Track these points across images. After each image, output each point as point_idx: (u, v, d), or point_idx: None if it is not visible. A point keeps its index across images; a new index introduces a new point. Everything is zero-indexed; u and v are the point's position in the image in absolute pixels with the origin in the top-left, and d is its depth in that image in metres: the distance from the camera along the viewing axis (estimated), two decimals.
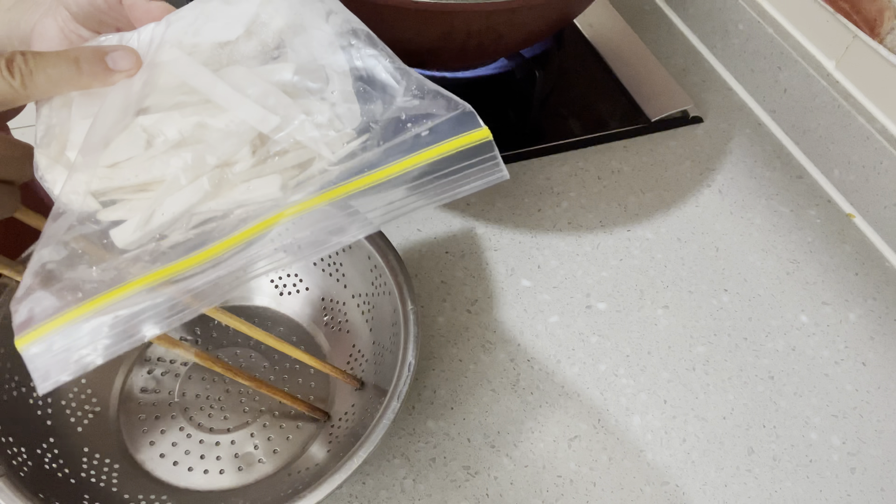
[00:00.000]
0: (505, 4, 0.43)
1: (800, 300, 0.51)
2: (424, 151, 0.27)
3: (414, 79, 0.28)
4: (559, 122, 0.61)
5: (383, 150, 0.27)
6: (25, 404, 0.38)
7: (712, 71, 0.68)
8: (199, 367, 0.44)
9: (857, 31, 0.54)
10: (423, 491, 0.41)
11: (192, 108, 0.27)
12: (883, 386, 0.47)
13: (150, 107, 0.27)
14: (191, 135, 0.27)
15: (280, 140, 0.27)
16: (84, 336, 0.25)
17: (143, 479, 0.39)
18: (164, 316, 0.25)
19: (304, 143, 0.27)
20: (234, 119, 0.27)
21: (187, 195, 0.27)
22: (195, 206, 0.27)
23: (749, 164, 0.60)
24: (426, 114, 0.27)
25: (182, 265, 0.26)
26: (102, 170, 0.27)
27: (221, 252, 0.26)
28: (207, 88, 0.27)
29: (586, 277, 0.51)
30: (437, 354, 0.46)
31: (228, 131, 0.27)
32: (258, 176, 0.27)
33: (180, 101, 0.27)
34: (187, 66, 0.27)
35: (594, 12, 0.70)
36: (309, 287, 0.47)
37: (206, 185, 0.27)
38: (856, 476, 0.43)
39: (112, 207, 0.27)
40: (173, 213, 0.27)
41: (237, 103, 0.27)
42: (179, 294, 0.26)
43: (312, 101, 0.28)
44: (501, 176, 0.27)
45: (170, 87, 0.27)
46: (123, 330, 0.25)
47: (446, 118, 0.27)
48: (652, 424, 0.44)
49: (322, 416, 0.42)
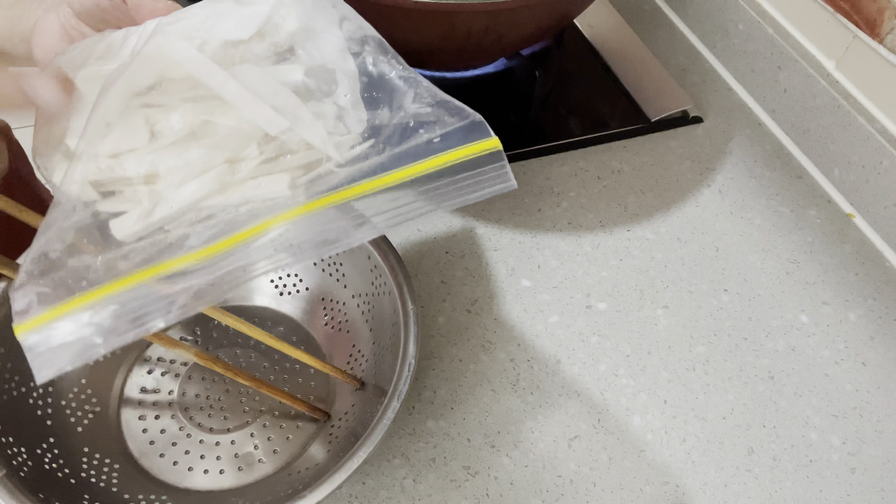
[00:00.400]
0: (505, 4, 0.43)
1: (800, 300, 0.51)
2: (434, 158, 0.27)
3: (424, 87, 0.28)
4: (559, 122, 0.61)
5: (392, 156, 0.27)
6: (25, 404, 0.38)
7: (712, 71, 0.68)
8: (199, 367, 0.44)
9: (857, 31, 0.54)
10: (423, 491, 0.41)
11: (200, 104, 0.27)
12: (883, 386, 0.47)
13: (156, 99, 0.27)
14: (198, 129, 0.27)
15: (288, 140, 0.27)
16: (84, 326, 0.25)
17: (143, 479, 0.39)
18: (166, 310, 0.25)
19: (312, 144, 0.27)
20: (242, 117, 0.27)
21: (193, 189, 0.27)
22: (201, 201, 0.27)
23: (749, 164, 0.60)
24: (436, 121, 0.28)
25: (186, 260, 0.26)
26: (104, 159, 0.27)
27: (226, 249, 0.26)
28: (217, 85, 0.27)
29: (586, 277, 0.51)
30: (437, 354, 0.46)
31: (237, 128, 0.27)
32: (266, 174, 0.27)
33: (188, 96, 0.27)
34: (197, 61, 0.27)
35: (594, 12, 0.70)
36: (309, 287, 0.47)
37: (214, 180, 0.27)
38: (856, 476, 0.43)
39: (112, 198, 0.27)
40: (179, 206, 0.27)
41: (247, 101, 0.27)
42: (182, 289, 0.26)
43: (321, 103, 0.28)
44: (509, 185, 0.28)
45: (178, 81, 0.27)
46: (125, 322, 0.25)
47: (457, 126, 0.27)
48: (652, 424, 0.44)
49: (322, 416, 0.42)
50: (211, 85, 0.27)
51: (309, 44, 0.28)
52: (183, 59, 0.27)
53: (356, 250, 0.43)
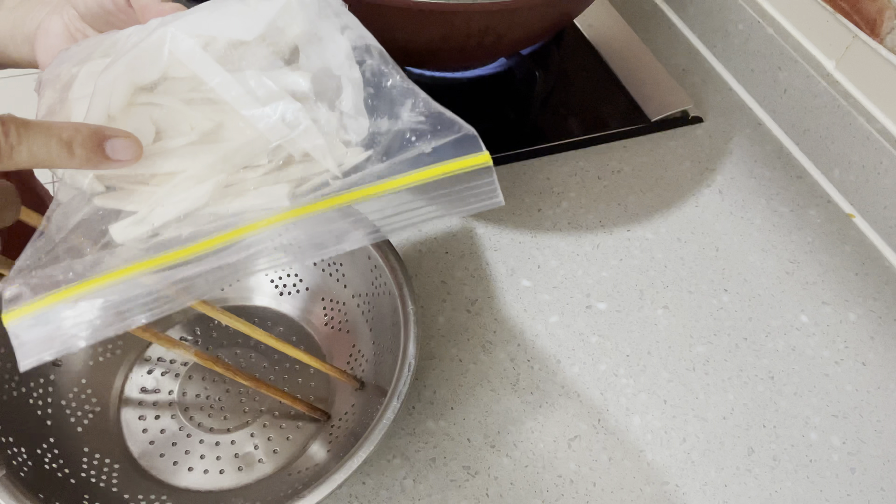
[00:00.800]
0: (505, 4, 0.43)
1: (800, 300, 0.51)
2: (425, 170, 0.28)
3: (421, 98, 0.29)
4: (559, 122, 0.61)
5: (386, 165, 0.28)
6: (25, 404, 0.38)
7: (712, 71, 0.68)
8: (199, 367, 0.44)
9: (857, 31, 0.54)
10: (423, 491, 0.41)
11: (204, 108, 0.27)
12: (883, 386, 0.47)
13: (159, 96, 0.27)
14: (206, 134, 0.27)
15: (287, 146, 0.27)
16: (70, 317, 0.25)
17: (143, 479, 0.39)
18: (150, 306, 0.26)
19: (311, 154, 0.27)
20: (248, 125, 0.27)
21: (195, 196, 0.27)
22: (200, 209, 0.27)
23: (749, 164, 0.60)
24: (430, 133, 0.28)
25: (175, 255, 0.26)
26: None
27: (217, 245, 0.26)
28: (220, 87, 0.27)
29: (586, 277, 0.51)
30: (437, 354, 0.46)
31: (244, 138, 0.27)
32: (266, 185, 0.27)
33: (191, 97, 0.27)
34: (202, 61, 0.27)
35: (594, 12, 0.70)
36: (309, 287, 0.47)
37: (216, 188, 0.27)
38: (856, 476, 0.43)
39: (110, 194, 0.27)
40: (176, 213, 0.27)
41: (248, 105, 0.27)
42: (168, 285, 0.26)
43: (322, 109, 0.28)
44: (497, 202, 0.28)
45: (181, 80, 0.27)
46: (110, 315, 0.25)
47: (450, 139, 0.28)
48: (652, 424, 0.44)
49: (322, 416, 0.42)
50: (215, 87, 0.27)
51: (311, 49, 0.29)
52: (186, 55, 0.27)
53: (356, 250, 0.43)
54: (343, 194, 0.28)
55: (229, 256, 0.26)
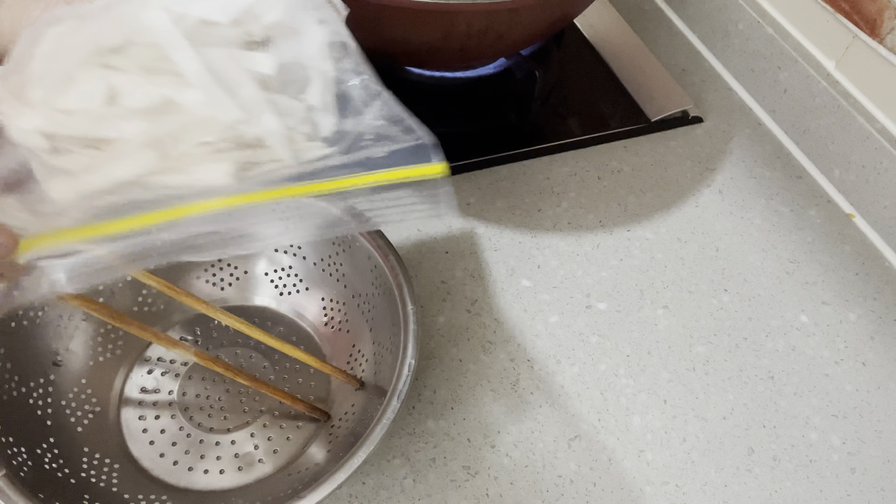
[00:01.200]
0: (505, 4, 0.43)
1: (800, 300, 0.51)
2: (378, 173, 0.28)
3: (386, 100, 0.29)
4: (559, 122, 0.61)
5: (341, 164, 0.28)
6: (25, 404, 0.38)
7: (712, 71, 0.68)
8: (199, 367, 0.44)
9: (857, 31, 0.54)
10: (423, 491, 0.41)
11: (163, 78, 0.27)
12: (883, 386, 0.47)
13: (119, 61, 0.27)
14: (156, 106, 0.27)
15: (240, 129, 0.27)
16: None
17: (143, 479, 0.39)
18: (78, 272, 0.26)
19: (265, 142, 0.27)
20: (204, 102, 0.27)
21: (135, 164, 0.26)
22: (141, 177, 0.26)
23: (749, 164, 0.60)
24: (389, 137, 0.28)
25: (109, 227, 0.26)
26: (56, 113, 0.26)
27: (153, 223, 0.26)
28: (182, 63, 0.26)
29: (586, 277, 0.51)
30: (437, 354, 0.46)
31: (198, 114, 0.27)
32: (212, 161, 0.27)
33: (152, 66, 0.27)
34: (166, 31, 0.26)
35: (594, 12, 0.70)
36: (309, 287, 0.47)
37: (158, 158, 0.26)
38: (856, 476, 0.43)
39: (56, 154, 0.27)
40: (112, 179, 0.26)
41: (205, 83, 0.26)
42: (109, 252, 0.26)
43: (285, 98, 0.28)
44: (450, 214, 0.28)
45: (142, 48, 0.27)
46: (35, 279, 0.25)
47: (405, 146, 0.28)
48: (652, 424, 0.44)
49: (322, 416, 0.42)
50: (177, 62, 0.26)
51: (286, 39, 0.28)
52: (153, 26, 0.26)
53: (356, 250, 0.43)
54: (293, 187, 0.27)
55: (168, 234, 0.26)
